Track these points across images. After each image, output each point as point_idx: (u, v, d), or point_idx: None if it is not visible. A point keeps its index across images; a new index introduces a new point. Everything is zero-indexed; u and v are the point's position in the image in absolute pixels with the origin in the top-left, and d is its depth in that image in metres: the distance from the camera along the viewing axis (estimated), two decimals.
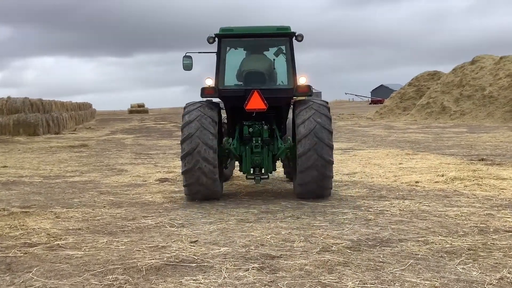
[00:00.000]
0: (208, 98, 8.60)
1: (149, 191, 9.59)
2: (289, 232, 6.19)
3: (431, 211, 7.24)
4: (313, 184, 8.04)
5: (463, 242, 5.60)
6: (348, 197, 8.54)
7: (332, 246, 5.54)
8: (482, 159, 12.97)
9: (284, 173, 10.80)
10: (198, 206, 8.04)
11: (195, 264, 5.03)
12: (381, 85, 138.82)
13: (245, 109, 8.34)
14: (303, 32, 8.55)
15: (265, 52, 9.14)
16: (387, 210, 7.36)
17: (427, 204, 7.73)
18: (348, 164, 12.70)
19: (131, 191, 9.65)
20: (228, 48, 8.85)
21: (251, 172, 8.60)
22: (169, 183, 10.60)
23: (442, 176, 10.15)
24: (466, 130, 25.11)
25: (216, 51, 8.64)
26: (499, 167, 11.52)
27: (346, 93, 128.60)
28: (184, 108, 8.38)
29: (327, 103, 8.44)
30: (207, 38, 8.49)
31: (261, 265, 4.95)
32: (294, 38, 8.58)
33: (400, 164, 12.52)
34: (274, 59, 8.96)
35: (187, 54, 8.75)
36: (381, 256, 5.18)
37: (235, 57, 9.07)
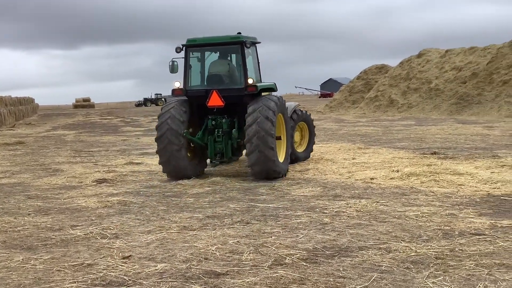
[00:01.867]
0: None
1: (84, 195, 8.68)
2: (237, 242, 5.50)
3: (389, 212, 6.73)
4: (258, 166, 9.45)
5: (429, 249, 5.06)
6: (301, 197, 7.94)
7: (285, 258, 4.89)
8: (435, 153, 12.70)
9: None
10: (136, 211, 7.23)
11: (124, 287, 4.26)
12: (330, 79, 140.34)
13: (207, 106, 9.94)
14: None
15: (227, 57, 10.55)
16: (344, 212, 6.80)
17: (384, 204, 7.23)
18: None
19: (63, 195, 8.71)
20: (192, 54, 10.32)
21: (214, 157, 10.21)
22: (108, 184, 9.70)
23: (397, 172, 9.71)
24: (414, 123, 25.17)
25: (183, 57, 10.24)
26: (452, 160, 11.24)
27: (296, 87, 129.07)
28: (161, 108, 10.11)
29: (278, 98, 9.85)
30: (175, 48, 10.07)
31: (203, 286, 4.23)
32: (244, 45, 9.99)
33: (353, 159, 12.06)
34: (229, 64, 10.47)
35: (173, 59, 10.27)
36: (341, 269, 4.57)
37: (200, 62, 10.55)
